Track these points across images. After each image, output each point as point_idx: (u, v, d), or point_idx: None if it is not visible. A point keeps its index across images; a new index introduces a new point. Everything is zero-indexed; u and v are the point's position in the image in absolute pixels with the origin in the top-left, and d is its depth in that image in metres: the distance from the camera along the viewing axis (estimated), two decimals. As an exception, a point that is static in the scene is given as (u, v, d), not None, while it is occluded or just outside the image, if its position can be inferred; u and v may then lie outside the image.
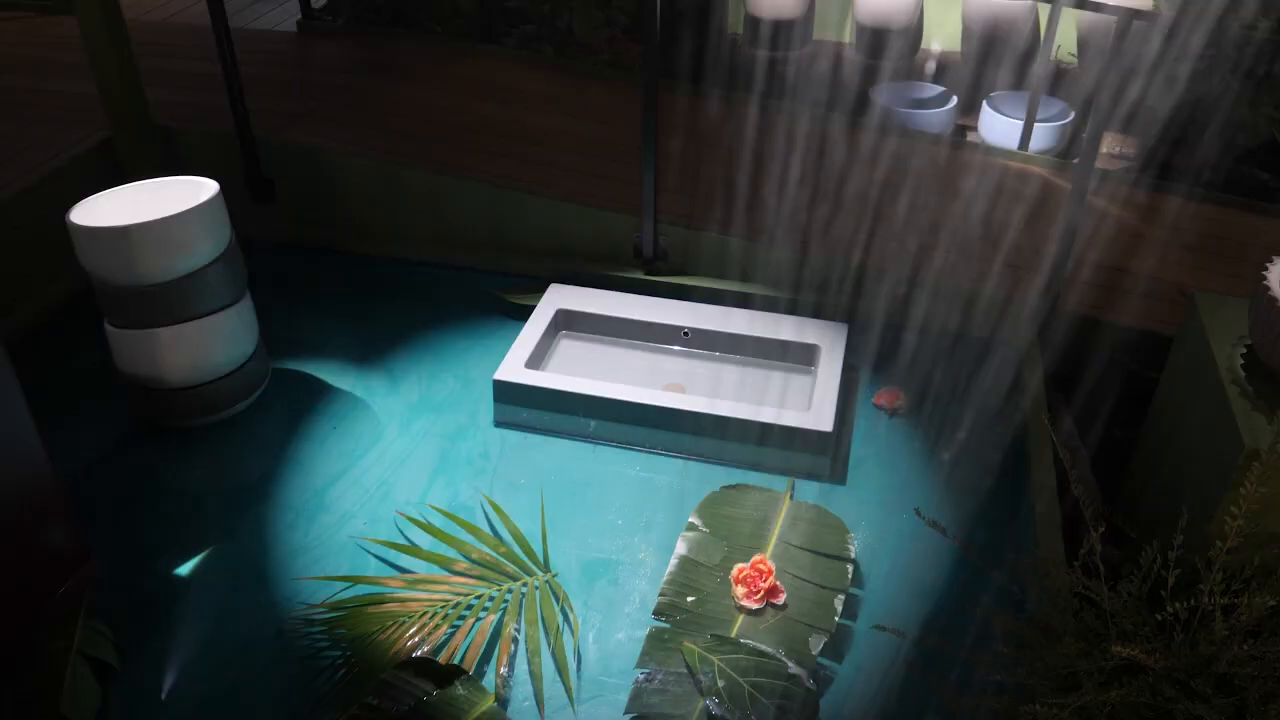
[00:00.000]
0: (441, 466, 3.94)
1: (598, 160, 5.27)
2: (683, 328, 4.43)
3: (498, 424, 4.13)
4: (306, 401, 4.24)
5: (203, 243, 3.85)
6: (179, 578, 3.48)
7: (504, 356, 4.18)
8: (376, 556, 3.55)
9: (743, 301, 4.56)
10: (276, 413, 4.20)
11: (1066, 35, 6.54)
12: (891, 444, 4.06)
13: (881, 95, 6.52)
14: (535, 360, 4.23)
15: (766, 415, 3.89)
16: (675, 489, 3.85)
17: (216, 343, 3.99)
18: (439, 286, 4.94)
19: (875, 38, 7.01)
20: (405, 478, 3.88)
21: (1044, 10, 6.58)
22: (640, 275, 4.75)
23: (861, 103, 6.36)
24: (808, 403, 4.02)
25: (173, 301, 3.84)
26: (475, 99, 5.88)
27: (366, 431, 4.09)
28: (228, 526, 3.68)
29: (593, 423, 4.05)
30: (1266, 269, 3.17)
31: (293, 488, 3.82)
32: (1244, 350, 3.25)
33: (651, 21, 4.17)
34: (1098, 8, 4.90)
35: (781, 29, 7.09)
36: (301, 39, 6.84)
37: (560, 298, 4.55)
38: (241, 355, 4.09)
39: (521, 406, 4.10)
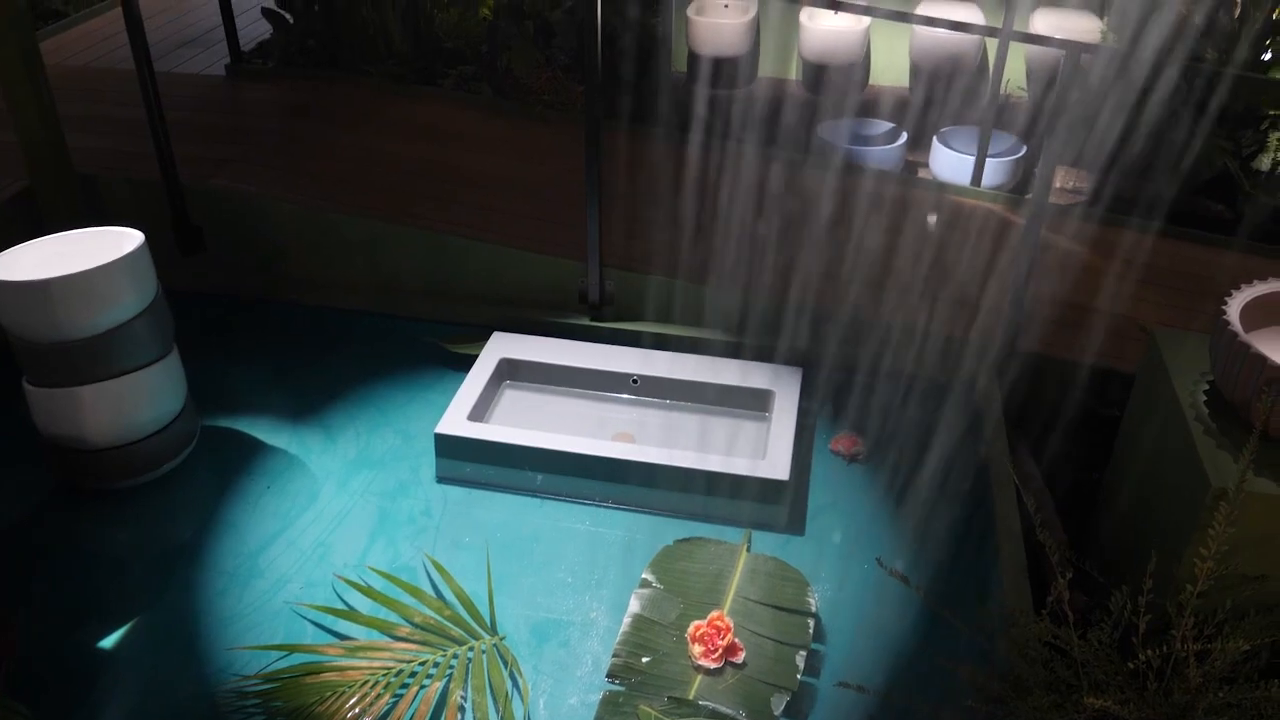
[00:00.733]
0: (381, 526, 3.87)
1: (540, 203, 5.25)
2: (631, 375, 4.40)
3: (440, 480, 4.07)
4: (238, 460, 4.16)
5: (127, 296, 3.78)
6: (104, 649, 3.38)
7: (446, 409, 4.13)
8: (313, 623, 3.47)
9: (693, 346, 4.54)
10: (206, 473, 4.12)
11: (1016, 68, 6.61)
12: (850, 491, 4.04)
13: (829, 132, 6.55)
14: (478, 412, 4.18)
15: (720, 464, 3.86)
16: (627, 544, 3.79)
17: (142, 400, 3.91)
18: (377, 336, 4.88)
19: (822, 74, 7.06)
20: (343, 538, 3.81)
21: (992, 44, 6.64)
22: (586, 321, 4.72)
23: (810, 140, 6.38)
24: (762, 450, 3.99)
25: (96, 358, 3.76)
26: (412, 142, 5.86)
27: (302, 490, 4.02)
28: (155, 594, 3.59)
29: (539, 476, 4.00)
30: (1225, 303, 3.20)
31: (224, 551, 3.74)
32: (1206, 386, 3.27)
33: (593, 60, 4.16)
34: (1043, 42, 4.96)
35: (725, 66, 7.12)
36: (231, 83, 6.80)
37: (503, 346, 4.51)
38: (168, 413, 4.02)
39: (465, 461, 4.04)
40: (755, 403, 4.31)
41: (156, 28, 7.93)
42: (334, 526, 3.85)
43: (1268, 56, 5.93)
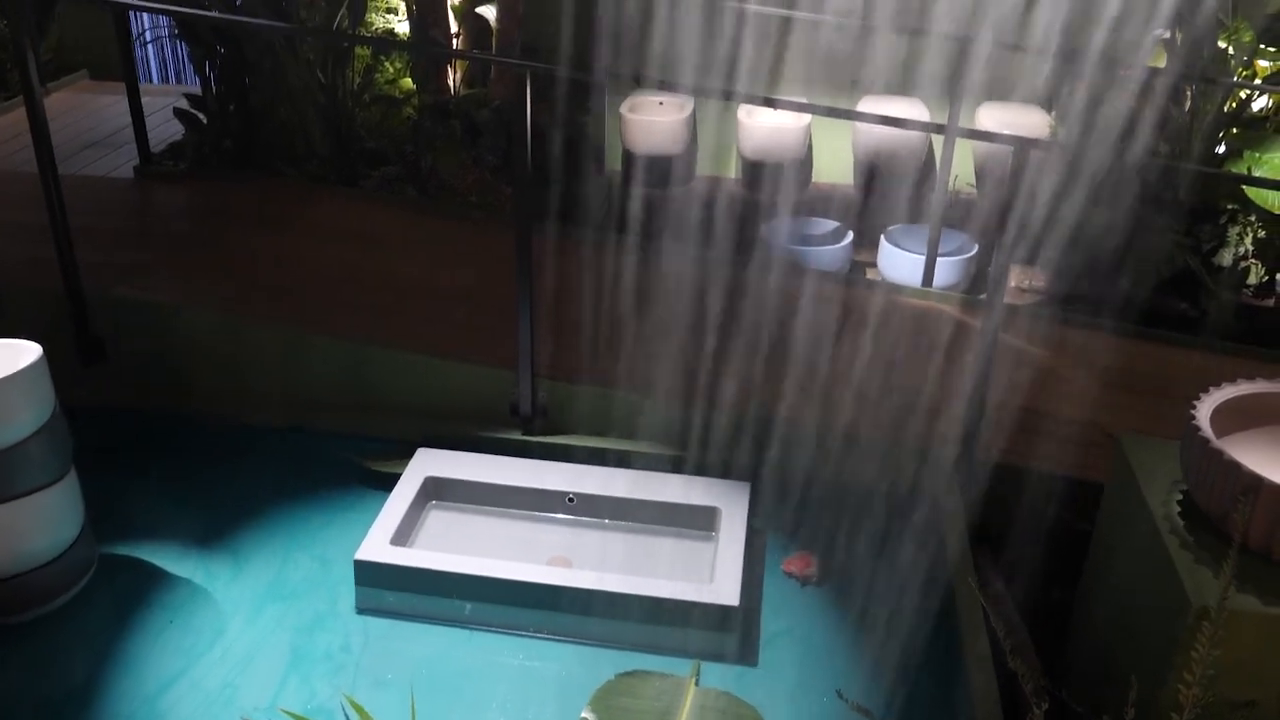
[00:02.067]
0: (295, 663, 3.74)
1: (467, 310, 5.24)
2: (567, 493, 4.34)
3: (360, 611, 3.96)
4: (138, 591, 4.02)
5: (21, 413, 3.66)
6: (-17, 810, 3.21)
7: (366, 532, 4.03)
8: (219, 775, 3.31)
9: (632, 461, 4.49)
10: (103, 605, 3.97)
11: (964, 164, 6.68)
12: (806, 617, 3.97)
13: (772, 232, 6.57)
14: (402, 535, 4.09)
15: (664, 589, 3.78)
16: (565, 679, 3.69)
17: (35, 526, 3.79)
18: (291, 454, 4.78)
19: (762, 172, 7.10)
20: (253, 678, 3.67)
21: (938, 139, 6.73)
22: (518, 436, 4.67)
23: (751, 241, 6.39)
24: (709, 574, 3.93)
25: (-17, 482, 3.64)
26: (331, 245, 5.84)
27: (208, 624, 3.88)
28: (44, 744, 3.42)
29: (469, 605, 3.90)
30: (1194, 406, 3.19)
31: (121, 694, 3.58)
32: (1180, 496, 3.24)
33: (522, 160, 4.17)
34: (990, 138, 5.01)
35: (661, 165, 7.16)
36: (140, 185, 6.77)
37: (429, 464, 4.44)
38: (64, 540, 3.88)
39: (387, 589, 3.94)
40: (700, 521, 4.24)
41: (61, 128, 7.89)
42: (243, 665, 3.71)
43: (1222, 149, 6.04)
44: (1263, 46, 6.02)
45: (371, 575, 3.92)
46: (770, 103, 5.65)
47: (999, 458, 4.29)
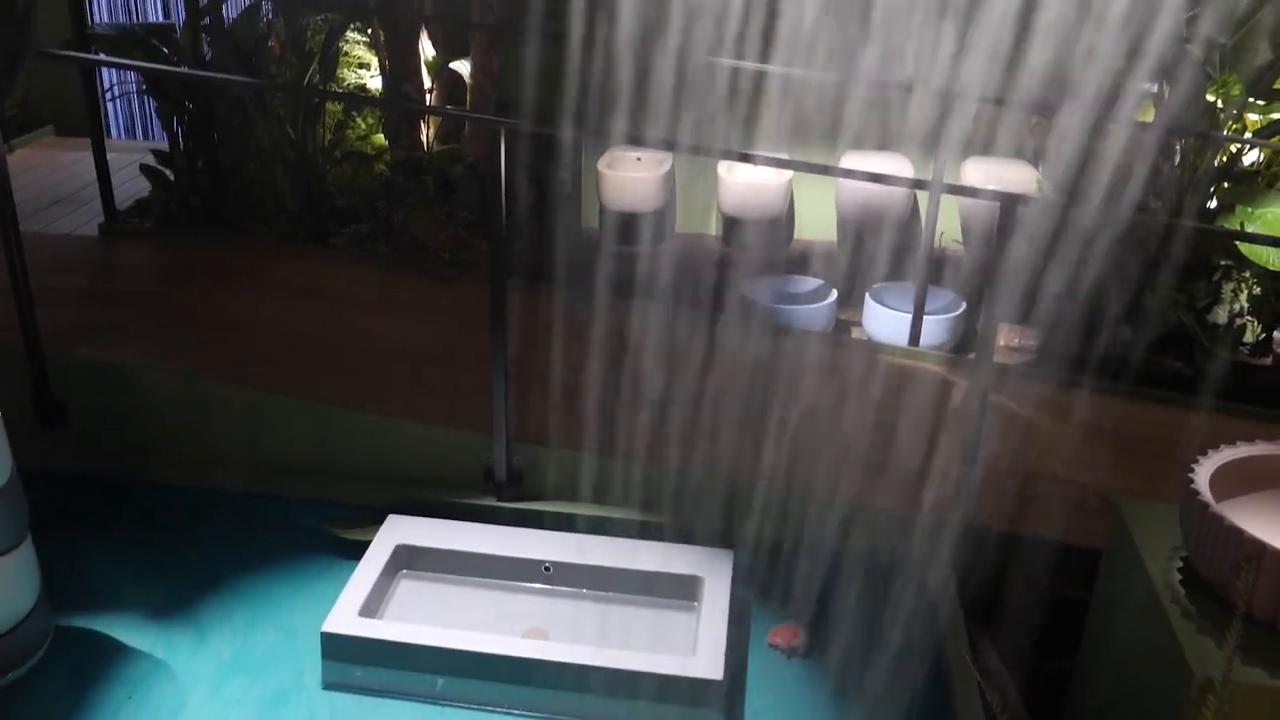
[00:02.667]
0: (259, 742, 3.68)
1: (440, 371, 5.22)
2: (543, 562, 4.30)
3: (327, 686, 3.90)
4: (96, 664, 3.96)
5: (-26, 480, 3.63)
6: None
7: (334, 603, 3.98)
8: None
9: (611, 529, 4.46)
10: (59, 679, 3.90)
11: (950, 220, 6.69)
12: (793, 691, 3.93)
13: (754, 290, 6.56)
14: (371, 606, 4.04)
15: (644, 663, 3.74)
16: (541, 757, 3.64)
17: (-12, 598, 3.73)
18: (257, 521, 4.73)
19: (743, 229, 7.11)
20: (215, 758, 3.61)
21: (923, 195, 6.74)
22: (492, 502, 4.64)
23: (733, 300, 6.38)
24: (692, 645, 3.88)
25: (-67, 552, 3.59)
26: (300, 305, 5.83)
27: (168, 699, 3.82)
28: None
29: (441, 680, 3.85)
30: (1192, 470, 3.18)
31: (76, 775, 3.53)
32: (1180, 564, 3.22)
33: (497, 217, 4.18)
34: (976, 194, 5.01)
35: (640, 222, 7.16)
36: (105, 243, 6.78)
37: (400, 531, 4.40)
38: (18, 611, 3.82)
39: (356, 663, 3.88)
40: (683, 591, 4.20)
41: (25, 185, 7.91)
42: (204, 743, 3.64)
43: (1213, 204, 6.05)
44: (1252, 100, 6.05)
45: (339, 648, 3.87)
46: (746, 158, 5.66)
47: (992, 523, 4.27)
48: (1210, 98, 6.05)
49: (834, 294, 6.56)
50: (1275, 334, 6.01)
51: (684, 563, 4.24)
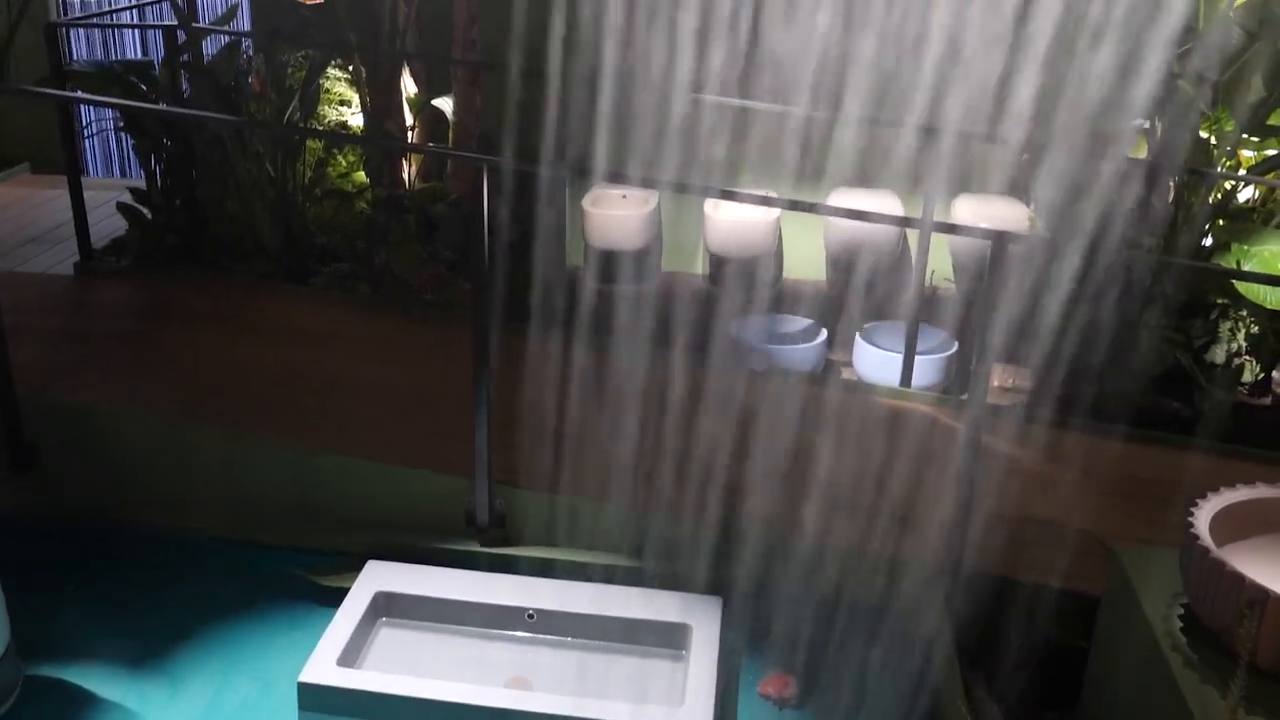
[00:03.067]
0: (233, 798, 3.66)
1: (421, 412, 5.22)
2: (526, 609, 4.28)
3: None
4: (66, 715, 3.94)
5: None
6: None
7: (311, 652, 3.95)
8: None
9: (596, 574, 4.46)
10: (27, 733, 3.89)
11: (940, 258, 6.69)
12: None
13: (742, 330, 6.54)
14: (350, 656, 4.01)
15: (630, 714, 3.71)
16: (524, 812, 3.62)
17: (-49, 650, 3.71)
18: (232, 567, 4.71)
19: (730, 268, 7.10)
20: (187, 814, 3.58)
21: (913, 233, 6.74)
22: (474, 547, 4.62)
23: (720, 339, 6.36)
24: (680, 696, 3.85)
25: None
26: (279, 345, 5.84)
27: (139, 754, 3.81)
28: None
29: None
30: (1192, 514, 3.17)
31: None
32: (1180, 611, 3.21)
33: (480, 255, 4.22)
34: (967, 232, 5.00)
35: (625, 260, 7.15)
36: (80, 282, 6.80)
37: (379, 578, 4.38)
38: None
39: (334, 715, 3.85)
40: (670, 639, 4.18)
41: (-1, 223, 7.90)
42: (175, 800, 3.61)
43: (1208, 242, 6.05)
44: (1246, 136, 6.06)
45: (317, 699, 3.85)
46: (731, 195, 5.65)
47: (988, 569, 4.24)
48: (1204, 134, 6.06)
49: (823, 334, 6.56)
50: (1274, 373, 6.01)
51: (672, 610, 4.22)
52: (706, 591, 4.32)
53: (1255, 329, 5.90)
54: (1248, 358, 5.91)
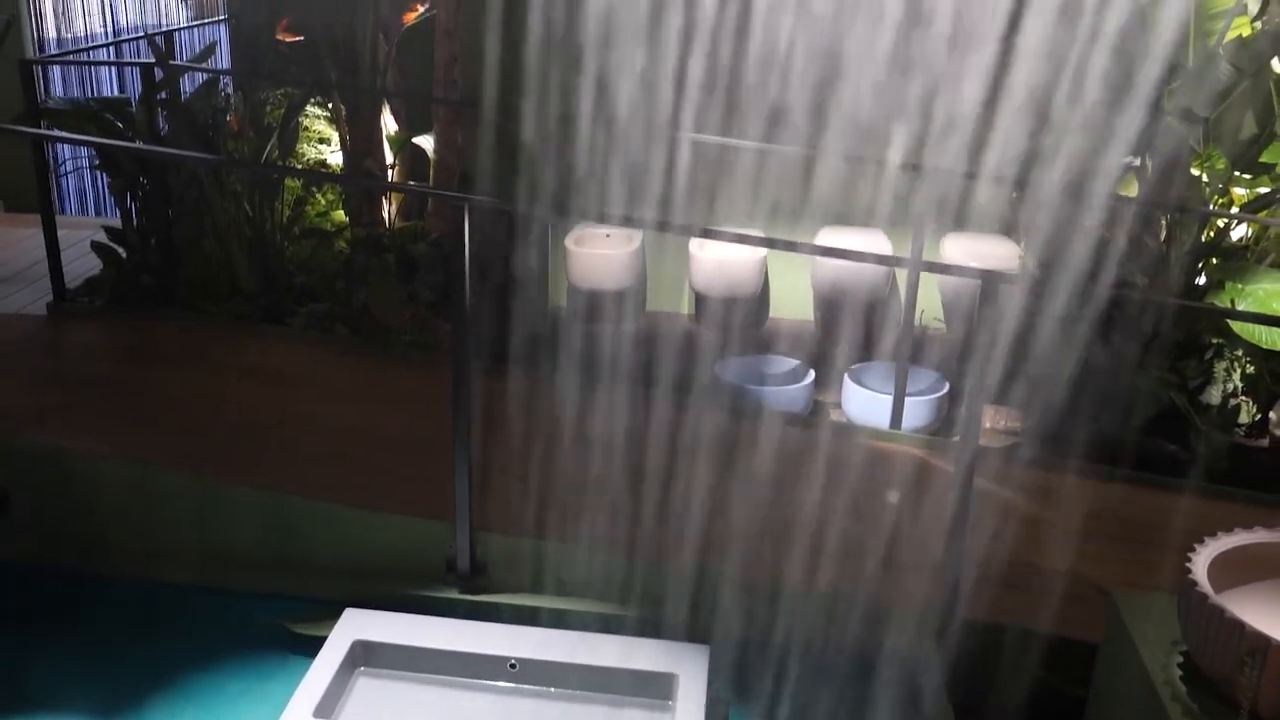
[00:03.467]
0: None
1: (400, 456, 5.19)
2: (508, 658, 4.23)
3: None
4: None
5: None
6: None
7: (287, 703, 3.90)
8: None
9: (580, 623, 4.42)
10: (-11, 792, 3.85)
11: (930, 298, 6.68)
12: None
13: (727, 371, 6.53)
14: (327, 707, 3.95)
15: None
16: None
17: (-85, 702, 3.67)
18: (207, 615, 4.66)
19: (716, 307, 7.09)
20: None
21: (902, 272, 6.74)
22: (455, 595, 4.58)
23: (706, 380, 6.35)
24: None
25: None
26: (255, 388, 5.83)
27: (109, 810, 3.76)
28: None
29: None
30: (1190, 559, 3.15)
31: None
32: (1179, 658, 3.19)
33: (461, 296, 4.17)
34: (956, 272, 5.00)
35: (609, 300, 7.15)
36: (52, 323, 6.77)
37: (357, 626, 4.33)
38: None
39: None
40: (656, 689, 4.13)
41: (-33, 265, 7.90)
42: None
43: (1201, 280, 6.05)
44: (1237, 174, 6.07)
45: (292, 752, 3.80)
46: (714, 234, 5.64)
47: (982, 615, 4.22)
48: (1194, 171, 6.08)
49: (811, 375, 6.54)
50: (1271, 414, 6.01)
51: (657, 659, 4.18)
52: (693, 640, 4.27)
53: (1251, 369, 5.89)
54: (1244, 398, 5.90)
